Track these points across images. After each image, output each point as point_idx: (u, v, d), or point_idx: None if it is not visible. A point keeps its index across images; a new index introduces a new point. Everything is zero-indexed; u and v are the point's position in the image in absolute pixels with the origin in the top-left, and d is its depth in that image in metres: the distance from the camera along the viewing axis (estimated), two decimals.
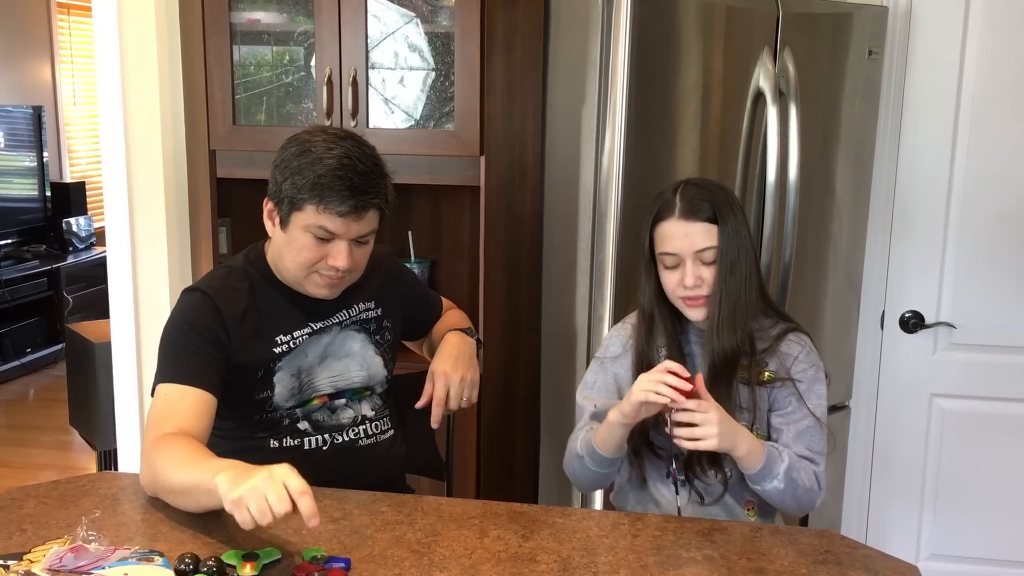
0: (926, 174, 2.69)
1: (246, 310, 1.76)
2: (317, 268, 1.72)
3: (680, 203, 1.71)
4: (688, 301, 1.74)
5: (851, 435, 2.85)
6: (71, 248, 5.94)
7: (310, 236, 1.68)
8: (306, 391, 1.80)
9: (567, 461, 1.83)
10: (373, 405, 1.89)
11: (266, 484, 1.33)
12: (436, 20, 2.38)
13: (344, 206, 1.65)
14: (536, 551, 1.47)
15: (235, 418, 1.77)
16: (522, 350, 2.55)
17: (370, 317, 1.90)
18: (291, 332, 1.79)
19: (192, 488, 1.48)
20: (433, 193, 2.74)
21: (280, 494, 1.32)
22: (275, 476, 1.34)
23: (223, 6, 2.39)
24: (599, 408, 1.80)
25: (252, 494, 1.32)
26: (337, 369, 1.84)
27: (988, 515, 2.81)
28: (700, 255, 1.71)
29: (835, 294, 2.70)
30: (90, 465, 4.16)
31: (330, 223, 1.66)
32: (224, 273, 1.82)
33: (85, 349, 3.30)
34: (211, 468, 1.45)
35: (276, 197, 1.70)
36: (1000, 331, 2.72)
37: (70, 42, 6.37)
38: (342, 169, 1.65)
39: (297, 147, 1.69)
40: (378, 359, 1.89)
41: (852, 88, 2.58)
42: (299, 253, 1.70)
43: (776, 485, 1.68)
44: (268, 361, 1.76)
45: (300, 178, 1.65)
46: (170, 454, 1.55)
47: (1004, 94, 2.61)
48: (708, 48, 2.31)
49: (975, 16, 2.59)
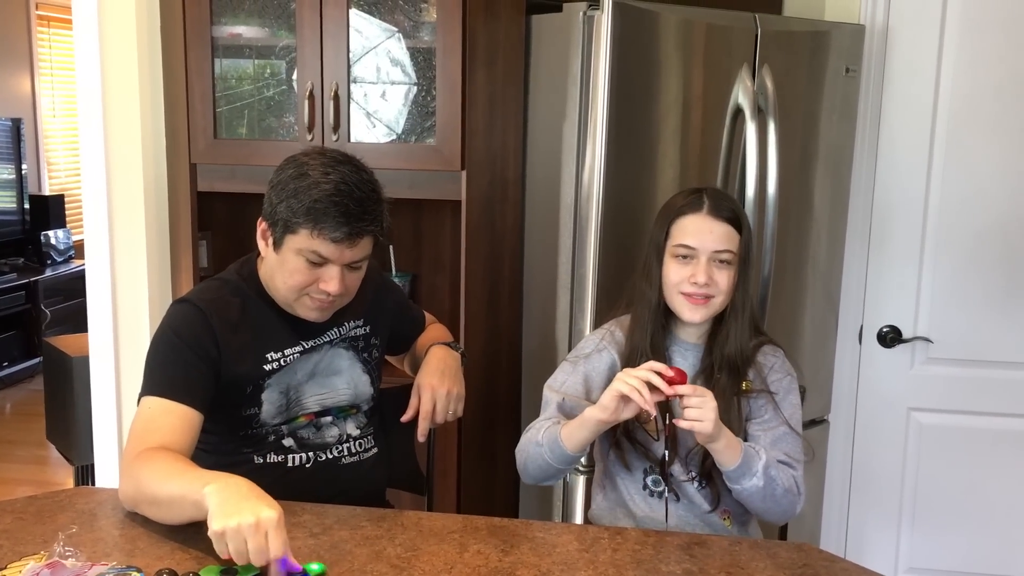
0: (903, 190, 2.72)
1: (237, 325, 1.74)
2: (308, 291, 1.71)
3: (708, 201, 1.74)
4: (691, 298, 1.73)
5: (830, 449, 2.87)
6: (49, 261, 5.90)
7: (303, 260, 1.67)
8: (293, 408, 1.79)
9: (522, 447, 1.78)
10: (358, 423, 1.88)
11: (250, 531, 1.34)
12: (418, 35, 2.39)
13: (338, 232, 1.64)
14: (516, 565, 1.47)
15: (220, 433, 1.76)
16: (503, 364, 2.56)
17: (359, 335, 1.89)
18: (282, 350, 1.78)
19: (178, 499, 1.47)
20: (415, 207, 2.74)
21: (259, 547, 1.34)
22: (260, 526, 1.35)
23: (205, 20, 2.39)
24: (568, 403, 1.79)
25: (235, 535, 1.34)
26: (324, 387, 1.83)
27: (966, 528, 2.83)
28: (717, 255, 1.72)
29: (814, 309, 2.72)
30: (67, 480, 4.12)
31: (323, 248, 1.65)
32: (217, 286, 1.80)
33: (63, 363, 3.27)
34: (200, 479, 1.45)
35: (271, 218, 1.69)
36: (977, 345, 2.74)
37: (50, 54, 6.35)
38: (338, 195, 1.63)
39: (294, 169, 1.68)
40: (365, 377, 1.89)
41: (830, 105, 2.60)
42: (291, 276, 1.69)
43: (756, 483, 1.67)
44: (258, 378, 1.75)
45: (296, 201, 1.64)
46: (154, 466, 1.54)
47: (980, 111, 2.65)
48: (688, 65, 2.33)
49: (950, 34, 2.63)
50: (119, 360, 2.73)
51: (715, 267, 1.72)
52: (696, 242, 1.72)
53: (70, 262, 6.02)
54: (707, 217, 1.73)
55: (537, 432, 1.75)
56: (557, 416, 1.79)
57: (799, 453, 1.76)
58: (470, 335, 2.44)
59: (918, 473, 2.84)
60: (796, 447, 1.76)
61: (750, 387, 1.77)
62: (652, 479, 1.80)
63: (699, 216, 1.73)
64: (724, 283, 1.73)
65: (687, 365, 1.79)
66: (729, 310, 1.76)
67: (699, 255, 1.72)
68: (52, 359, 3.40)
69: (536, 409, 2.52)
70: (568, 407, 1.79)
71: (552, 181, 2.40)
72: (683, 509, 1.80)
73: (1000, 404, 2.75)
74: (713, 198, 1.76)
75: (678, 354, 1.81)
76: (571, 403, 1.79)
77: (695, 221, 1.73)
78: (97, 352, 2.75)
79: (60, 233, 6.00)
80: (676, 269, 1.74)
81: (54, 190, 6.36)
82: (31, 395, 5.36)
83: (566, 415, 1.78)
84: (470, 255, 2.42)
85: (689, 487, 1.79)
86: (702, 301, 1.73)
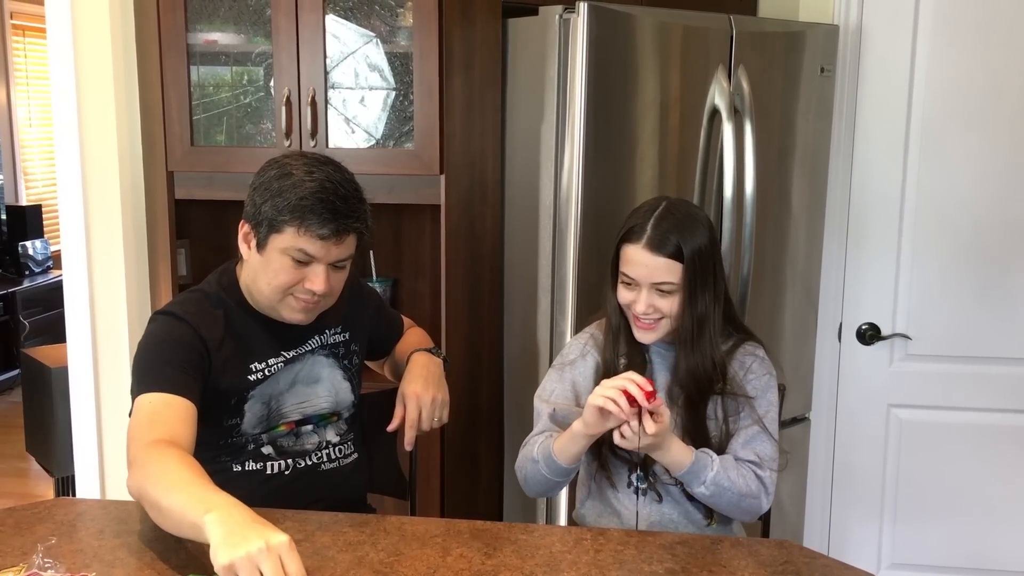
0: (879, 188, 2.75)
1: (223, 338, 1.73)
2: (293, 291, 1.70)
3: (650, 232, 1.71)
4: (637, 323, 1.77)
5: (811, 446, 2.89)
6: (27, 272, 5.85)
7: (288, 259, 1.67)
8: (274, 418, 1.79)
9: (520, 464, 1.83)
10: (339, 431, 1.88)
11: (262, 557, 1.28)
12: (395, 40, 2.39)
13: (325, 229, 1.64)
14: (499, 568, 1.47)
15: (200, 442, 1.75)
16: (485, 367, 2.56)
17: (338, 341, 1.88)
18: (266, 360, 1.77)
19: (178, 515, 1.41)
20: (394, 212, 2.74)
21: (275, 569, 1.28)
22: (272, 549, 1.29)
23: (180, 27, 2.38)
24: (559, 412, 1.82)
25: (246, 564, 1.27)
26: (304, 395, 1.82)
27: (947, 523, 2.85)
28: (657, 286, 1.72)
29: (793, 307, 2.74)
30: (47, 492, 4.08)
31: (310, 246, 1.65)
32: (198, 299, 1.78)
33: (41, 374, 3.25)
34: (204, 500, 1.39)
35: (254, 219, 1.68)
36: (954, 341, 2.77)
37: (25, 63, 6.30)
38: (323, 192, 1.64)
39: (277, 170, 1.68)
40: (346, 384, 1.88)
41: (805, 104, 2.62)
42: (276, 276, 1.68)
43: (702, 491, 1.72)
44: (242, 390, 1.74)
45: (281, 200, 1.64)
46: (165, 466, 1.49)
47: (953, 108, 2.67)
48: (664, 67, 2.35)
49: (923, 33, 2.66)
50: (98, 370, 2.71)
51: (656, 295, 1.72)
52: (636, 274, 1.73)
53: (48, 272, 5.97)
54: (645, 251, 1.71)
55: (532, 448, 1.80)
56: (550, 428, 1.82)
57: (771, 453, 1.77)
58: (451, 339, 2.44)
59: (899, 469, 2.86)
60: (768, 447, 1.77)
61: (724, 390, 1.78)
62: (637, 475, 1.82)
63: (639, 249, 1.71)
64: (668, 308, 1.73)
65: (665, 367, 1.81)
66: (682, 330, 1.76)
67: (640, 285, 1.73)
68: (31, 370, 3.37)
69: (518, 412, 2.53)
70: (560, 416, 1.82)
71: (531, 184, 2.40)
72: (668, 507, 1.81)
73: (979, 399, 2.78)
74: (656, 228, 1.71)
75: (657, 355, 1.83)
76: (562, 412, 1.82)
77: (635, 253, 1.72)
78: (76, 363, 2.73)
79: (38, 243, 5.95)
80: (623, 292, 1.77)
81: (31, 200, 6.30)
82: (10, 407, 5.31)
83: (559, 424, 1.80)
84: (450, 259, 2.42)
85: (673, 488, 1.81)
86: (650, 325, 1.75)
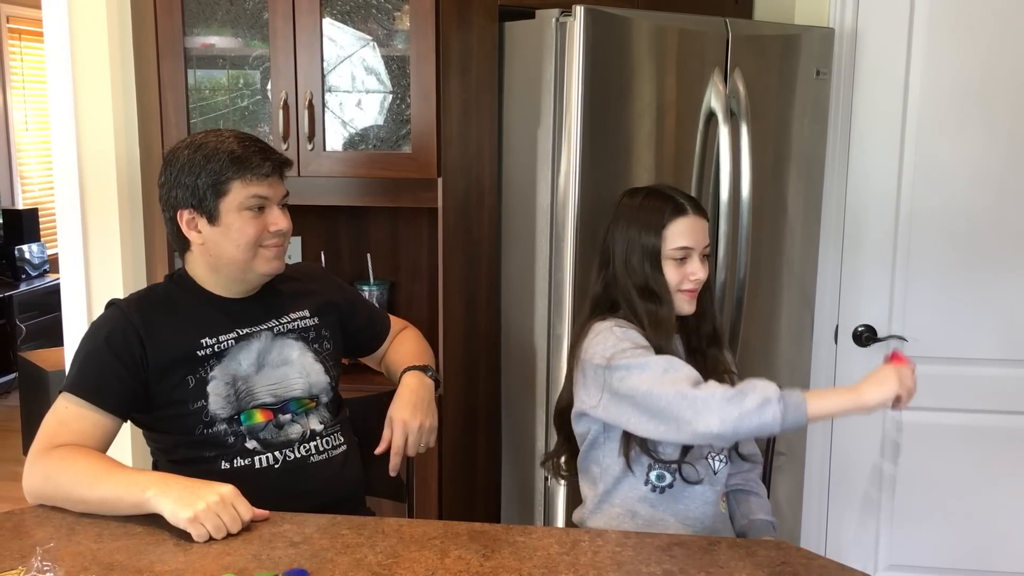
0: (875, 190, 2.75)
1: (165, 315, 1.80)
2: (261, 241, 1.78)
3: (688, 202, 1.88)
4: (690, 294, 1.88)
5: (808, 448, 2.89)
6: (24, 275, 5.84)
7: (247, 212, 1.75)
8: (244, 399, 1.80)
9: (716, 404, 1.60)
10: (321, 418, 1.88)
11: (219, 507, 1.55)
12: (392, 43, 2.40)
13: (266, 167, 1.75)
14: (497, 570, 1.48)
15: (177, 433, 1.78)
16: (482, 370, 2.56)
17: (308, 326, 1.91)
18: (216, 335, 1.81)
19: (112, 502, 1.60)
20: (391, 215, 2.74)
21: (233, 517, 1.56)
22: (226, 500, 1.56)
23: (177, 30, 2.38)
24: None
25: (207, 514, 1.54)
26: (274, 377, 1.84)
27: (944, 524, 2.85)
28: (704, 249, 1.88)
29: (789, 310, 2.74)
30: None
31: (260, 189, 1.75)
32: (146, 289, 1.92)
33: (39, 377, 3.26)
34: (135, 483, 1.60)
35: (193, 199, 1.75)
36: (950, 343, 2.77)
37: (22, 67, 6.29)
38: (245, 140, 1.77)
39: (189, 150, 1.76)
40: (318, 366, 1.90)
41: (801, 107, 2.63)
42: (242, 233, 1.76)
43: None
44: (196, 365, 1.77)
45: (214, 164, 1.73)
46: (77, 468, 1.63)
47: (948, 111, 2.68)
48: (660, 69, 2.35)
49: (918, 35, 2.67)
50: None
51: (701, 260, 1.88)
52: (692, 241, 1.86)
53: (45, 276, 5.97)
54: (695, 217, 1.87)
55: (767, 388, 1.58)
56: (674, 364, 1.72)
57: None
58: (449, 342, 2.44)
59: (895, 470, 2.86)
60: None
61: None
62: (656, 474, 1.84)
63: (690, 217, 1.86)
64: (706, 270, 1.89)
65: (680, 349, 1.90)
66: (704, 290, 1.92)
67: (693, 253, 1.86)
68: (28, 374, 3.38)
69: (515, 415, 2.54)
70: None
71: (528, 187, 2.41)
72: (681, 503, 1.85)
73: (975, 400, 2.78)
74: (688, 198, 1.89)
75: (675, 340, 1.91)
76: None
77: (688, 222, 1.86)
78: None
79: (34, 247, 5.95)
80: (676, 270, 1.86)
81: (28, 204, 6.30)
82: (7, 410, 5.30)
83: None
84: (447, 262, 2.42)
85: (717, 462, 1.88)
86: (696, 293, 1.89)
